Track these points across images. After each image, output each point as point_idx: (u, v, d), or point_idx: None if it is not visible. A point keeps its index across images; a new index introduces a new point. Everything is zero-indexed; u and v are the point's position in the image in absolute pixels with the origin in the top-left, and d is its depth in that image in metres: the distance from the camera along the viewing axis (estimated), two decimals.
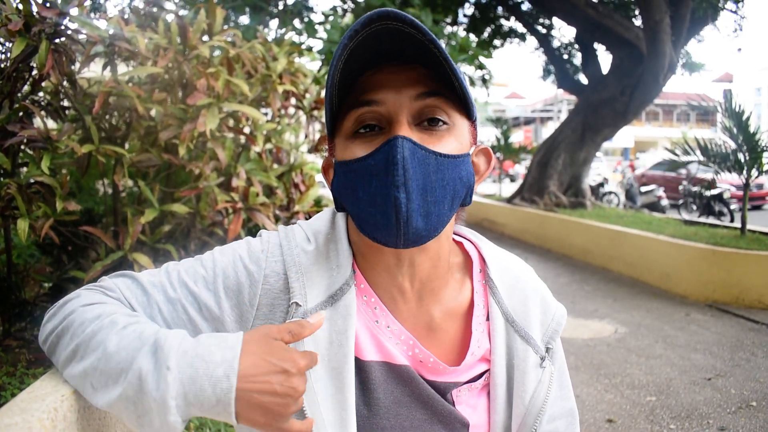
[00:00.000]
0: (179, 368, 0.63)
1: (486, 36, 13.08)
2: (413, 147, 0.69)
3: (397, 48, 0.71)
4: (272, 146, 2.77)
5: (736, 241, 6.13)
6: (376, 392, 0.78)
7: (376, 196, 0.70)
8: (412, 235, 0.70)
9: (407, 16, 0.66)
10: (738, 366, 4.05)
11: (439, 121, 0.73)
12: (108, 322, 0.70)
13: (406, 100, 0.72)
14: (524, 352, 0.84)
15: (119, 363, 0.65)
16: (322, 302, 0.77)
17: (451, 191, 0.73)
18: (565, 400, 0.90)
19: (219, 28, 2.28)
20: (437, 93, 0.73)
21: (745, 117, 6.45)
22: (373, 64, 0.73)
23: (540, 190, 11.06)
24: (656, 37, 8.74)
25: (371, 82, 0.73)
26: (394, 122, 0.71)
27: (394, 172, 0.68)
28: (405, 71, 0.73)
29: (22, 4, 1.64)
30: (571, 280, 6.88)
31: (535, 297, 0.89)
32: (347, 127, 0.75)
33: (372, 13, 0.65)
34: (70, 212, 1.79)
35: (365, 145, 0.73)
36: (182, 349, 0.64)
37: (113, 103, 2.02)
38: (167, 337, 0.66)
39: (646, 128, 43.88)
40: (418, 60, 0.72)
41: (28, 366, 1.71)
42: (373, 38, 0.68)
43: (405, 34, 0.68)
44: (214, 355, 0.64)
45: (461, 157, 0.74)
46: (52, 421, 0.69)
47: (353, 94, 0.74)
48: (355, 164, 0.73)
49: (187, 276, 0.80)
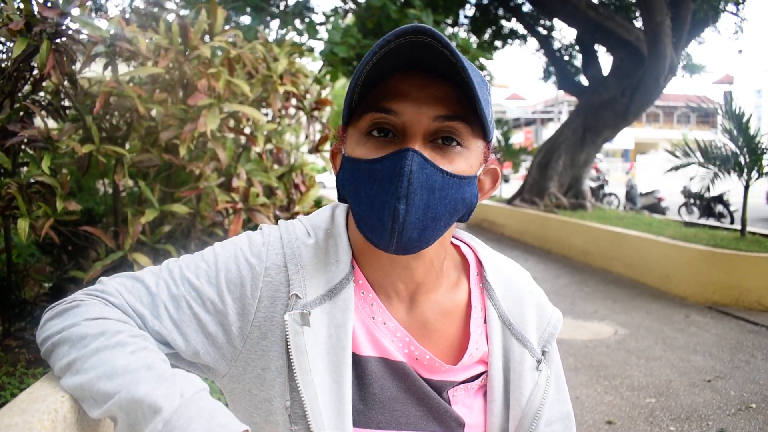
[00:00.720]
0: (189, 401, 0.66)
1: (487, 37, 13.09)
2: (422, 162, 0.70)
3: (427, 60, 0.70)
4: (273, 147, 2.77)
5: (736, 243, 6.14)
6: (372, 387, 0.78)
7: (376, 200, 0.71)
8: (404, 244, 0.71)
9: (443, 37, 0.66)
10: (738, 368, 4.05)
11: (453, 141, 0.74)
12: (114, 342, 0.71)
13: (425, 119, 0.71)
14: (521, 355, 0.85)
15: (120, 385, 0.67)
16: (322, 296, 0.78)
17: (450, 209, 0.74)
18: (561, 403, 0.91)
19: (220, 29, 2.28)
20: (457, 118, 0.72)
21: (746, 119, 6.46)
22: (400, 71, 0.73)
23: (540, 192, 11.06)
24: (657, 39, 8.75)
25: (396, 89, 0.72)
26: (409, 135, 0.71)
27: (398, 182, 0.68)
28: (430, 87, 0.72)
29: (24, 3, 1.64)
30: (570, 282, 6.88)
31: (531, 301, 0.90)
32: (362, 125, 0.75)
33: (408, 26, 0.66)
34: (70, 212, 1.79)
35: (376, 147, 0.73)
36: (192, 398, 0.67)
37: (114, 103, 2.02)
38: (185, 376, 0.69)
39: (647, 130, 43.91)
40: (446, 77, 0.72)
41: (28, 366, 1.71)
42: (406, 49, 0.68)
43: (438, 51, 0.68)
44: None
45: (467, 179, 0.75)
46: (52, 422, 0.69)
47: (375, 95, 0.73)
48: (362, 164, 0.73)
49: (188, 271, 0.81)
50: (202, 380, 0.70)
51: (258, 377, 0.78)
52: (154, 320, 0.77)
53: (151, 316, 0.78)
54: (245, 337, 0.78)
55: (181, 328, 0.78)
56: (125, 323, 0.76)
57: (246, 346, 0.78)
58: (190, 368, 0.82)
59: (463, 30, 12.39)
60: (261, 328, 0.77)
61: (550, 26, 13.32)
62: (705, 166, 7.12)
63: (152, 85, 2.15)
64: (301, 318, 0.75)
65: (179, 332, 0.77)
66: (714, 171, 7.00)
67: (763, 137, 6.40)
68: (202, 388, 0.68)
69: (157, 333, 0.77)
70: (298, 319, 0.75)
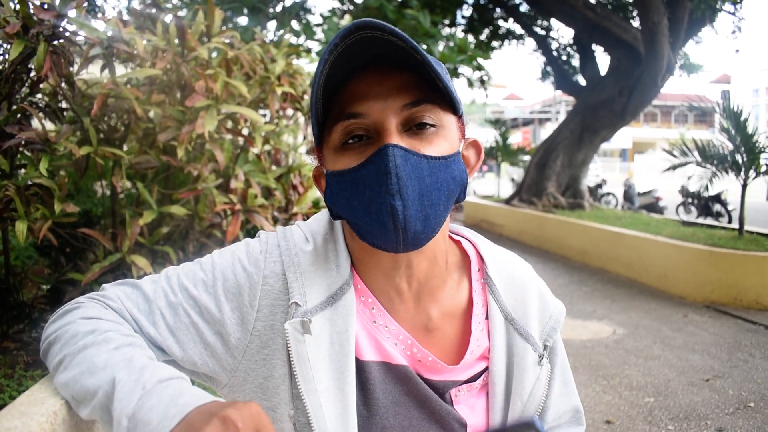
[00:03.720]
0: (150, 392, 0.62)
1: (484, 37, 13.11)
2: (405, 153, 0.69)
3: (379, 54, 0.70)
4: (271, 148, 2.76)
5: (734, 242, 6.15)
6: (375, 392, 0.78)
7: (371, 205, 0.70)
8: (411, 240, 0.71)
9: (386, 25, 0.65)
10: (736, 367, 4.06)
11: (426, 125, 0.73)
12: (101, 339, 0.70)
13: (392, 111, 0.71)
14: (523, 350, 0.85)
15: (100, 379, 0.65)
16: (323, 302, 0.77)
17: (446, 192, 0.73)
18: (569, 396, 0.91)
19: (217, 30, 2.28)
20: (423, 101, 0.73)
21: (743, 118, 6.47)
22: (356, 72, 0.73)
23: (538, 191, 11.07)
24: (654, 39, 8.76)
25: (355, 92, 0.73)
26: (383, 131, 0.71)
27: (387, 181, 0.68)
28: (388, 79, 0.72)
29: (20, 6, 1.64)
30: (569, 281, 6.88)
31: (533, 294, 0.90)
32: (335, 139, 0.74)
33: (350, 25, 0.66)
34: (68, 214, 1.79)
35: (355, 155, 0.73)
36: (163, 380, 0.64)
37: (112, 104, 2.02)
38: (155, 368, 0.66)
39: (644, 129, 43.97)
40: (401, 65, 0.72)
41: (26, 368, 1.71)
42: (355, 48, 0.68)
43: (385, 42, 0.68)
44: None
45: (452, 157, 0.75)
46: (51, 425, 0.69)
47: (338, 105, 0.73)
48: (347, 175, 0.73)
49: (186, 280, 0.80)
50: (174, 369, 0.68)
51: (259, 387, 0.77)
52: (150, 326, 0.77)
53: (147, 322, 0.78)
54: (245, 347, 0.77)
55: (178, 336, 0.77)
56: (118, 323, 0.76)
57: (246, 356, 0.77)
58: (191, 377, 0.82)
59: (460, 30, 12.41)
60: (261, 337, 0.77)
61: (548, 26, 13.34)
62: (703, 165, 7.13)
63: (150, 86, 2.15)
64: (301, 326, 0.74)
65: (175, 340, 0.77)
66: (712, 170, 7.01)
67: (761, 136, 6.41)
68: (169, 377, 0.65)
69: (152, 339, 0.77)
70: (299, 327, 0.74)
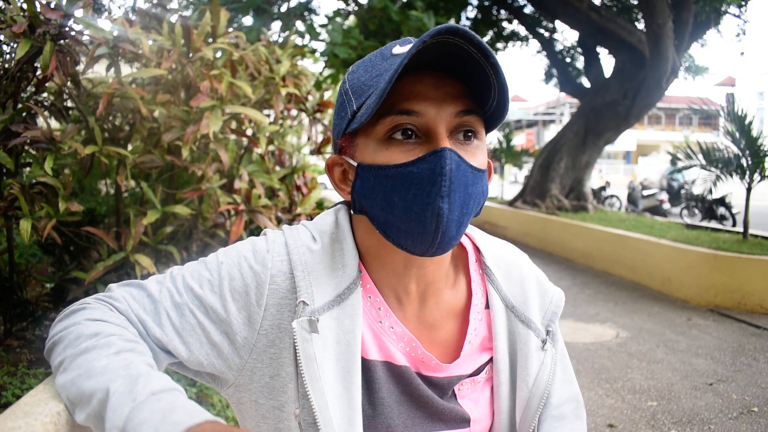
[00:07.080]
0: (142, 405, 0.61)
1: (488, 39, 13.10)
2: (459, 160, 0.70)
3: (446, 60, 0.71)
4: (275, 148, 2.77)
5: (738, 246, 6.12)
6: (380, 391, 0.79)
7: (414, 204, 0.70)
8: (444, 244, 0.72)
9: (475, 36, 0.66)
10: (740, 371, 4.04)
11: (472, 136, 0.75)
12: (103, 342, 0.70)
13: (447, 116, 0.72)
14: (525, 336, 0.86)
15: (97, 384, 0.65)
16: (330, 301, 0.77)
17: (477, 203, 0.76)
18: (569, 384, 0.92)
19: (223, 31, 2.28)
20: (474, 112, 0.74)
21: (748, 121, 6.45)
22: (412, 71, 0.72)
23: (542, 194, 11.06)
24: (659, 41, 8.74)
25: (412, 90, 0.72)
26: (436, 134, 0.71)
27: (441, 182, 0.68)
28: (444, 84, 0.73)
29: (27, 5, 1.65)
30: (572, 284, 6.87)
31: (531, 281, 0.91)
32: (379, 130, 0.73)
33: (441, 27, 0.65)
34: (72, 213, 1.79)
35: (402, 152, 0.72)
36: (156, 394, 0.63)
37: (117, 104, 2.03)
38: (150, 378, 0.65)
39: (649, 132, 43.88)
40: (459, 75, 0.73)
41: (29, 366, 1.71)
42: (431, 48, 0.68)
43: (461, 51, 0.68)
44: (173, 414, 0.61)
45: (485, 171, 0.77)
46: (54, 425, 0.69)
47: (389, 98, 0.72)
48: (392, 170, 0.72)
49: (192, 280, 0.80)
50: (169, 380, 0.67)
51: (266, 386, 0.77)
52: (156, 327, 0.77)
53: (153, 323, 0.77)
54: (252, 346, 0.77)
55: (184, 337, 0.77)
56: (123, 327, 0.75)
57: (252, 355, 0.77)
58: (196, 377, 0.82)
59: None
60: (268, 336, 0.77)
61: (552, 28, 13.32)
62: (707, 168, 7.11)
63: (155, 86, 2.15)
64: (309, 325, 0.74)
65: (181, 340, 0.77)
66: (716, 173, 6.98)
67: (766, 139, 6.38)
68: (162, 389, 0.64)
69: (158, 340, 0.77)
70: (306, 326, 0.74)
